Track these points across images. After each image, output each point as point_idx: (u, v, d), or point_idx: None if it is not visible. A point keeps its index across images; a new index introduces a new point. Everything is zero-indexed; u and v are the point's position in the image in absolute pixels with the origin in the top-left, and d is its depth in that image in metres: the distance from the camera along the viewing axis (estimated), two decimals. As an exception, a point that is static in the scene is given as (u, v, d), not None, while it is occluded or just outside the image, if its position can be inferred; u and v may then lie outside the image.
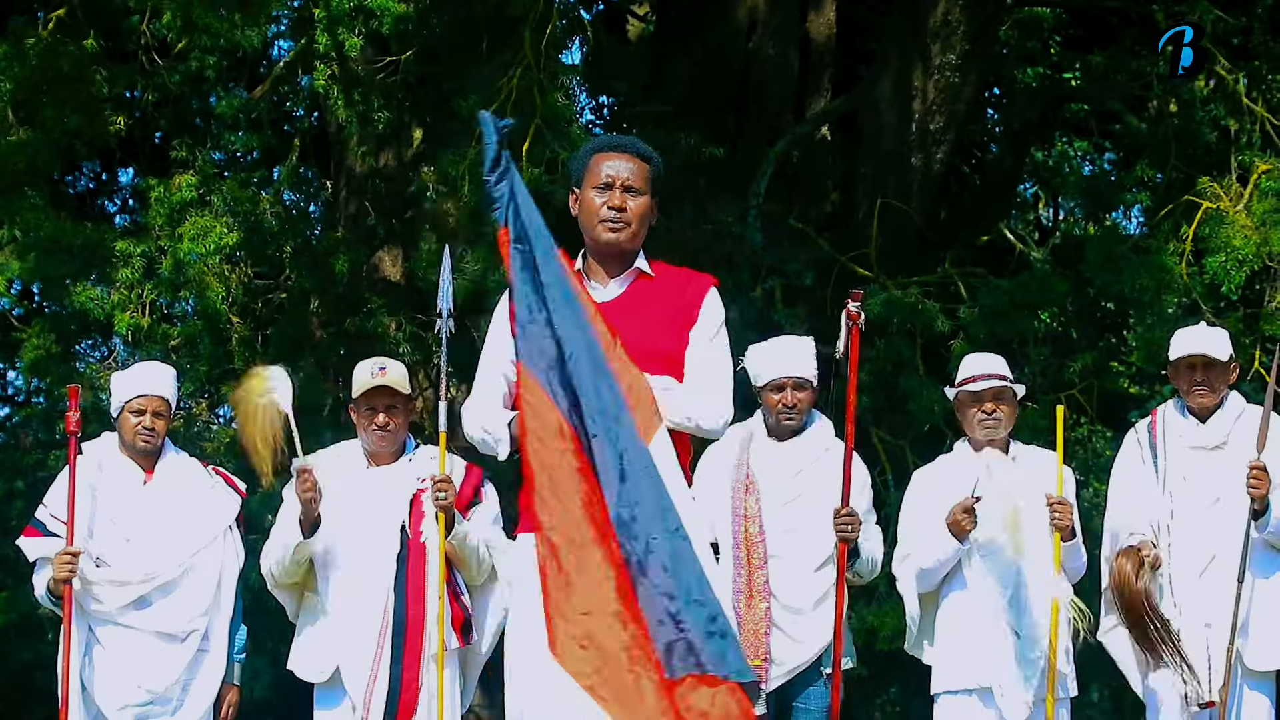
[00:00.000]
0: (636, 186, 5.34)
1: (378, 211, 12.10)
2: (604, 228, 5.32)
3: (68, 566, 6.82)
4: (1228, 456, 6.96)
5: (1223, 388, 7.11)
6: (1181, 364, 7.12)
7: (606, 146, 5.47)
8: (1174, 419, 7.18)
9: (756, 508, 6.92)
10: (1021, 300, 11.13)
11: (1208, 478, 7.01)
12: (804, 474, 6.99)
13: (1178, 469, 7.07)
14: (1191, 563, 6.96)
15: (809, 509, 6.88)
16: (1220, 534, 6.90)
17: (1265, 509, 6.78)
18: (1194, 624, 6.91)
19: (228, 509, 7.28)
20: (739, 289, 11.03)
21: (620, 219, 5.32)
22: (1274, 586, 6.97)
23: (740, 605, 6.84)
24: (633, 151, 5.41)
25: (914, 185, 11.91)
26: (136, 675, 6.99)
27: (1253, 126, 11.73)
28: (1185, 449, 7.09)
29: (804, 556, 6.91)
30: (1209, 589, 6.91)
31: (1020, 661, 6.83)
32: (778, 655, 6.86)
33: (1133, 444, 7.26)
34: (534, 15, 10.20)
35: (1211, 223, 10.65)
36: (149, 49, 11.94)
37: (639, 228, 5.36)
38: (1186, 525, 7.00)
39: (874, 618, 10.16)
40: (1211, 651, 6.87)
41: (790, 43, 12.66)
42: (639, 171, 5.36)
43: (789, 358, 7.03)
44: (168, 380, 7.27)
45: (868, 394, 10.88)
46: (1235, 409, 7.11)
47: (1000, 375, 7.03)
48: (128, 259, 11.00)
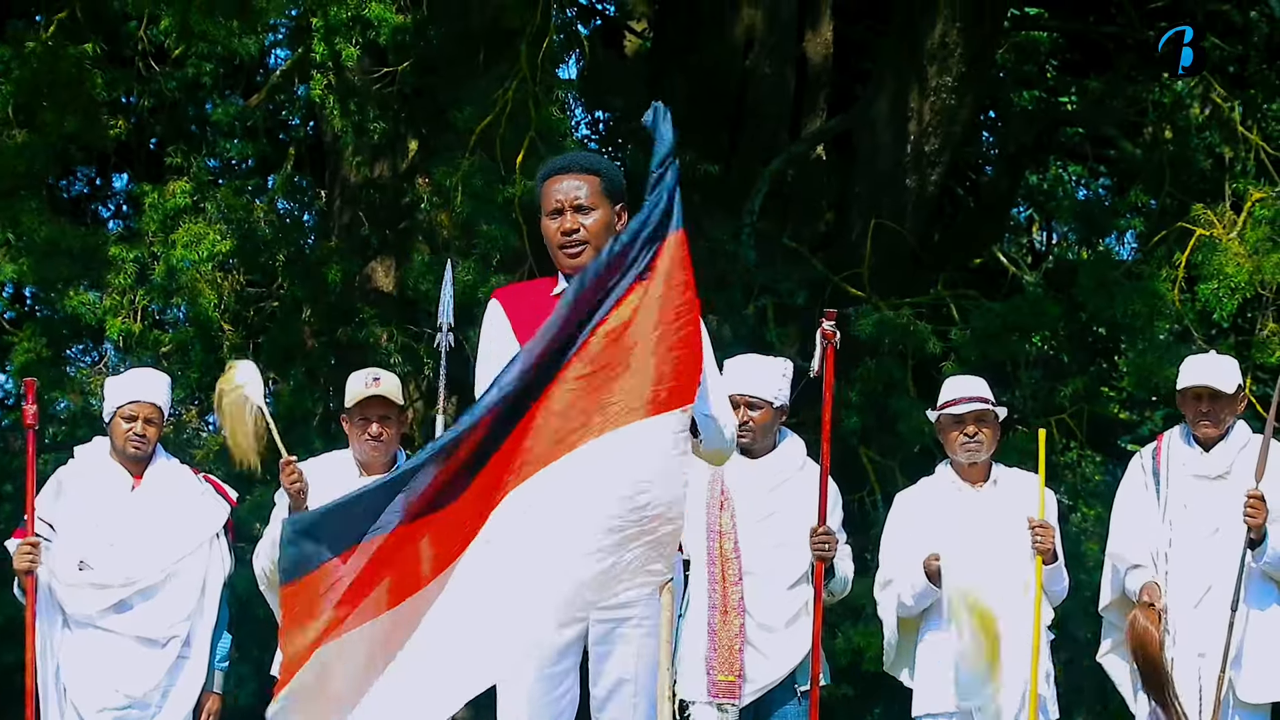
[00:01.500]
0: (587, 204, 5.20)
1: (371, 222, 12.09)
2: (564, 254, 5.21)
3: (27, 558, 6.83)
4: (1230, 487, 6.94)
5: (1229, 419, 7.09)
6: (1188, 393, 7.10)
7: (553, 170, 5.30)
8: (1178, 447, 7.17)
9: (731, 524, 6.92)
10: (1013, 323, 11.15)
11: (1208, 507, 6.99)
12: (778, 491, 6.98)
13: (1179, 497, 7.06)
14: (1188, 592, 6.95)
15: (783, 526, 6.88)
16: (1218, 564, 6.88)
17: (1262, 539, 6.77)
18: (1188, 654, 6.89)
19: (215, 516, 7.27)
20: (731, 307, 11.05)
21: (574, 240, 5.19)
22: (1270, 618, 6.97)
23: (715, 621, 6.83)
24: (576, 169, 5.26)
25: (908, 206, 11.92)
26: (115, 679, 6.98)
27: (1247, 154, 11.76)
28: (1188, 477, 7.08)
29: (778, 574, 6.90)
30: (1204, 619, 6.88)
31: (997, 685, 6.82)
32: (751, 672, 6.86)
33: (1136, 470, 7.25)
34: (531, 29, 10.21)
35: (1204, 250, 10.67)
36: (146, 55, 11.95)
37: (598, 244, 5.17)
38: (1185, 554, 6.98)
39: (860, 638, 10.15)
40: (1203, 681, 6.85)
41: (787, 62, 12.68)
42: (588, 187, 5.21)
43: (745, 376, 7.01)
44: (161, 387, 7.27)
45: (858, 414, 10.89)
46: (1240, 439, 7.09)
47: (982, 398, 7.02)
48: (121, 264, 11.00)
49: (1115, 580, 7.21)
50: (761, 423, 6.99)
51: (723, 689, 6.84)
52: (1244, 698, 6.90)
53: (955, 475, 7.09)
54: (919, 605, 6.99)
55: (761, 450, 7.04)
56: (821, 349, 6.29)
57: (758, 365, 7.12)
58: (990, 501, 6.98)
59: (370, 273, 12.29)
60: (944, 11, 11.51)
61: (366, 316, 11.30)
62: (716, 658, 6.82)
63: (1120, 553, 7.15)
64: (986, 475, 7.05)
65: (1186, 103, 12.35)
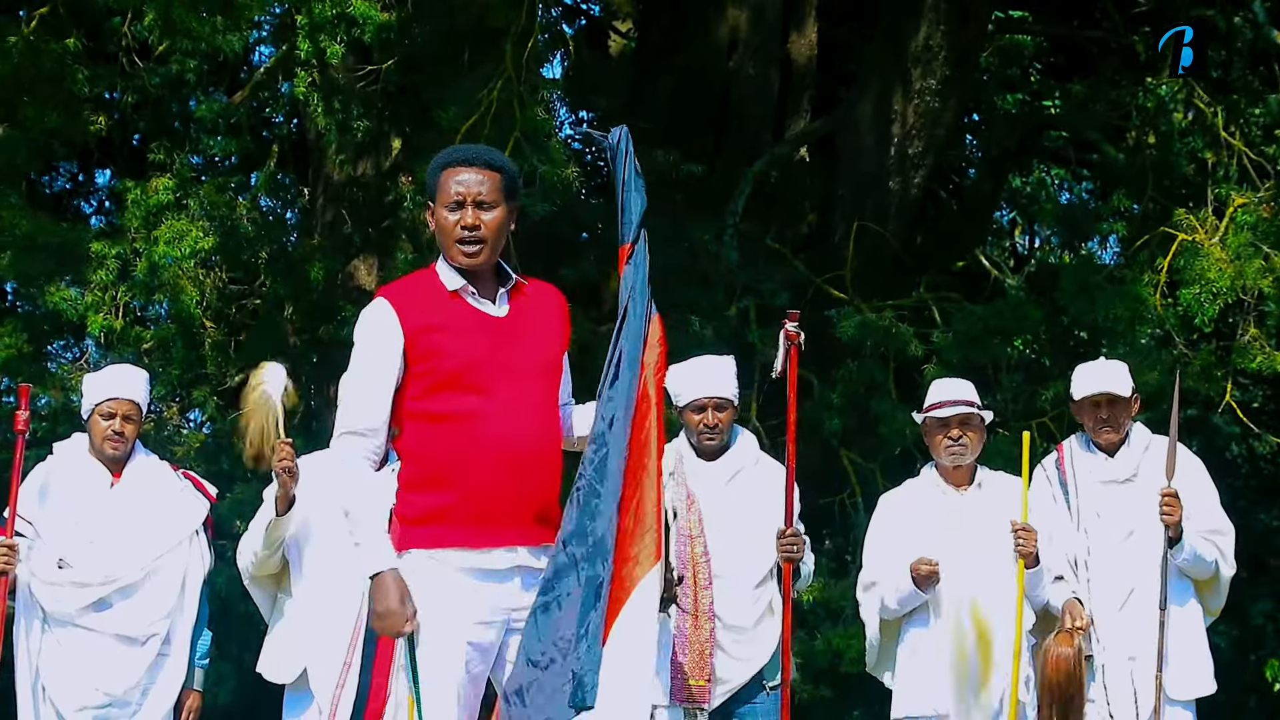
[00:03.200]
0: (489, 200, 5.16)
1: (354, 220, 12.08)
2: (459, 250, 5.16)
3: (3, 559, 6.80)
4: (1139, 489, 6.99)
5: (1127, 423, 7.13)
6: (1086, 402, 7.14)
7: (456, 160, 5.26)
8: (1081, 455, 7.20)
9: (700, 526, 6.94)
10: (995, 326, 11.16)
11: (1121, 511, 7.02)
12: (733, 483, 7.03)
13: (1090, 505, 7.08)
14: (1111, 597, 6.98)
15: (745, 526, 6.92)
16: (1137, 566, 6.92)
17: (1179, 536, 6.81)
18: (1118, 658, 6.93)
19: (195, 513, 7.26)
20: (714, 307, 11.04)
21: (473, 237, 5.14)
22: (1189, 614, 7.01)
23: (686, 626, 6.85)
24: (481, 164, 5.22)
25: (891, 209, 11.93)
26: (95, 678, 6.96)
27: (1230, 160, 11.78)
28: (1096, 484, 7.11)
29: (744, 575, 6.94)
30: (1130, 622, 6.92)
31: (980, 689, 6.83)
32: (721, 674, 6.89)
33: (1042, 481, 7.23)
34: (516, 28, 10.20)
35: (1187, 255, 10.69)
36: (130, 51, 11.92)
37: (495, 242, 5.18)
38: (1103, 560, 7.01)
39: (840, 640, 10.13)
40: (1137, 684, 6.89)
41: (771, 63, 12.69)
42: (490, 183, 5.17)
43: (709, 378, 7.05)
44: (139, 384, 7.24)
45: (839, 416, 10.90)
46: (1142, 441, 7.14)
47: (968, 401, 7.04)
48: (102, 260, 10.97)
49: None
50: (727, 422, 7.05)
51: (694, 694, 6.85)
52: (1172, 694, 6.91)
53: (940, 478, 7.11)
54: (903, 608, 7.00)
55: (718, 450, 7.08)
56: (785, 350, 6.36)
57: (718, 366, 7.16)
58: (974, 504, 7.00)
59: (353, 271, 12.27)
60: (928, 14, 11.53)
61: (349, 315, 11.28)
62: (688, 663, 6.84)
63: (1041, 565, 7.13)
64: (971, 478, 7.07)
65: (1169, 107, 12.36)
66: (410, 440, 5.15)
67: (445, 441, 5.07)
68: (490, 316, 5.18)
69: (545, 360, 5.23)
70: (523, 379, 5.14)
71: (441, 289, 5.18)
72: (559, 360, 5.32)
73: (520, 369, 5.14)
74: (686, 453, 7.13)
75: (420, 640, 5.05)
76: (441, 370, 5.08)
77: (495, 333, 5.15)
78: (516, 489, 5.08)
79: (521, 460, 5.08)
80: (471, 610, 5.06)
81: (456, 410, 5.06)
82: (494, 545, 5.07)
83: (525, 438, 5.09)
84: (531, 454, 5.11)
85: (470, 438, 5.05)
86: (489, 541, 5.05)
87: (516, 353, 5.15)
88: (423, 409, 5.11)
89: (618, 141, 5.21)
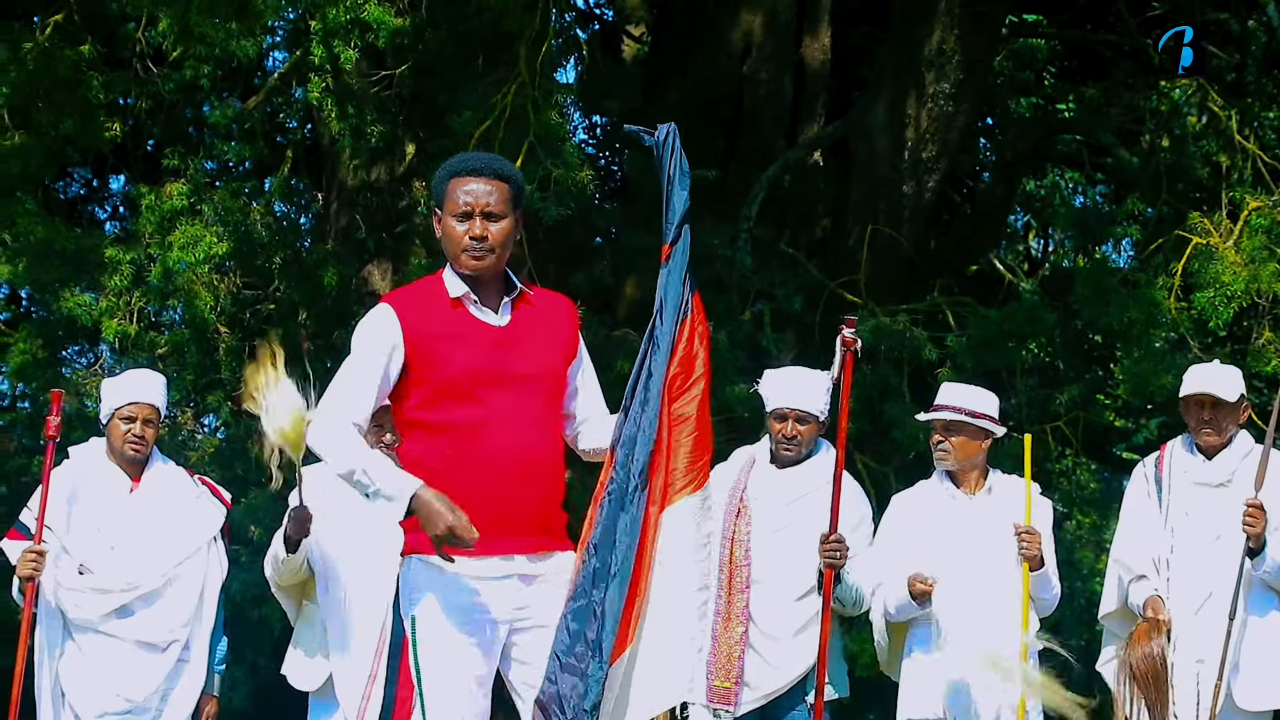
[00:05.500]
0: (497, 211, 5.16)
1: (368, 225, 12.10)
2: (467, 257, 5.15)
3: (31, 564, 6.81)
4: (1231, 495, 6.93)
5: (1231, 427, 7.10)
6: (1190, 401, 7.11)
7: (464, 170, 5.24)
8: (1181, 455, 7.19)
9: (746, 532, 6.95)
10: (1009, 330, 11.15)
11: (1210, 514, 6.99)
12: (797, 504, 7.00)
13: (1180, 504, 7.07)
14: (1189, 599, 6.95)
15: (798, 538, 6.88)
16: (1219, 571, 6.87)
17: (1261, 547, 6.78)
18: (1187, 660, 6.89)
19: (213, 519, 7.26)
20: (728, 312, 11.04)
21: (481, 248, 5.15)
22: (1269, 625, 6.97)
23: (717, 627, 6.87)
24: (490, 174, 5.21)
25: (905, 213, 11.92)
26: (116, 684, 6.96)
27: (1244, 163, 11.76)
28: (1189, 485, 7.09)
29: (787, 585, 6.92)
30: (1204, 626, 6.88)
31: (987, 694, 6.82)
32: (752, 679, 6.88)
33: (1140, 478, 7.26)
34: (530, 33, 10.20)
35: (1201, 258, 10.68)
36: (144, 57, 11.94)
37: (503, 252, 5.20)
38: (1186, 561, 6.99)
39: (854, 644, 10.13)
40: (1201, 688, 6.85)
41: (784, 67, 12.69)
42: (499, 194, 5.17)
43: (796, 389, 7.03)
44: (158, 388, 7.25)
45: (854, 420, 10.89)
46: (1242, 448, 7.10)
47: (954, 407, 7.00)
48: (117, 266, 10.99)
49: (1119, 590, 7.21)
50: (808, 436, 7.03)
51: (718, 694, 6.85)
52: (1242, 705, 6.89)
53: (950, 481, 7.11)
54: (901, 616, 7.01)
55: (795, 461, 7.07)
56: (841, 356, 6.27)
57: (806, 379, 7.10)
58: (984, 508, 6.98)
59: (367, 276, 12.29)
60: (942, 19, 11.51)
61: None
62: (715, 662, 6.84)
63: (1124, 561, 7.15)
64: (981, 482, 7.06)
65: (1184, 111, 12.35)
66: (411, 450, 5.17)
67: (443, 452, 5.08)
68: (490, 326, 5.18)
69: (545, 371, 5.22)
70: (521, 389, 5.14)
71: (444, 297, 5.19)
72: (561, 371, 5.31)
73: (519, 379, 5.14)
74: (761, 457, 7.14)
75: (421, 641, 5.07)
76: (439, 379, 5.09)
77: (494, 343, 5.16)
78: (514, 499, 5.09)
79: (519, 470, 5.09)
80: (472, 612, 5.08)
81: (455, 420, 5.08)
82: (492, 554, 5.07)
83: (522, 448, 5.10)
84: (529, 464, 5.11)
85: (467, 448, 5.06)
86: (487, 550, 5.04)
87: (515, 363, 5.15)
88: (422, 419, 5.13)
89: (665, 138, 5.24)
